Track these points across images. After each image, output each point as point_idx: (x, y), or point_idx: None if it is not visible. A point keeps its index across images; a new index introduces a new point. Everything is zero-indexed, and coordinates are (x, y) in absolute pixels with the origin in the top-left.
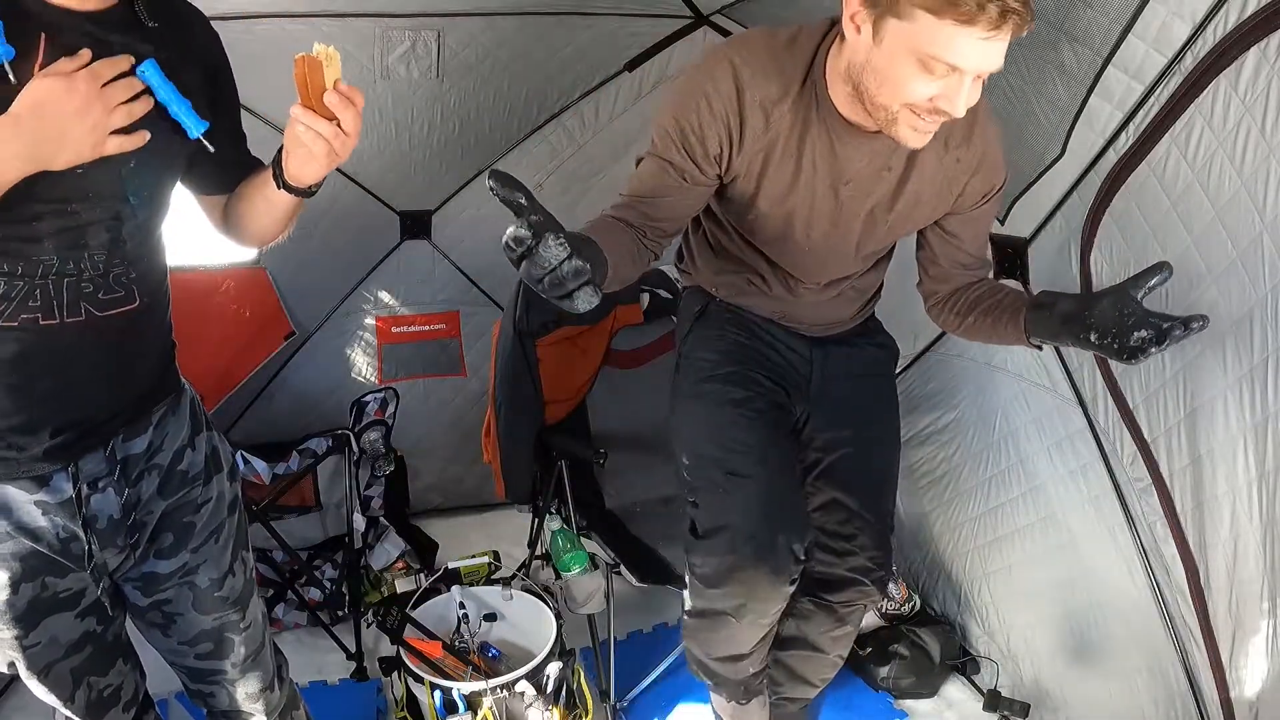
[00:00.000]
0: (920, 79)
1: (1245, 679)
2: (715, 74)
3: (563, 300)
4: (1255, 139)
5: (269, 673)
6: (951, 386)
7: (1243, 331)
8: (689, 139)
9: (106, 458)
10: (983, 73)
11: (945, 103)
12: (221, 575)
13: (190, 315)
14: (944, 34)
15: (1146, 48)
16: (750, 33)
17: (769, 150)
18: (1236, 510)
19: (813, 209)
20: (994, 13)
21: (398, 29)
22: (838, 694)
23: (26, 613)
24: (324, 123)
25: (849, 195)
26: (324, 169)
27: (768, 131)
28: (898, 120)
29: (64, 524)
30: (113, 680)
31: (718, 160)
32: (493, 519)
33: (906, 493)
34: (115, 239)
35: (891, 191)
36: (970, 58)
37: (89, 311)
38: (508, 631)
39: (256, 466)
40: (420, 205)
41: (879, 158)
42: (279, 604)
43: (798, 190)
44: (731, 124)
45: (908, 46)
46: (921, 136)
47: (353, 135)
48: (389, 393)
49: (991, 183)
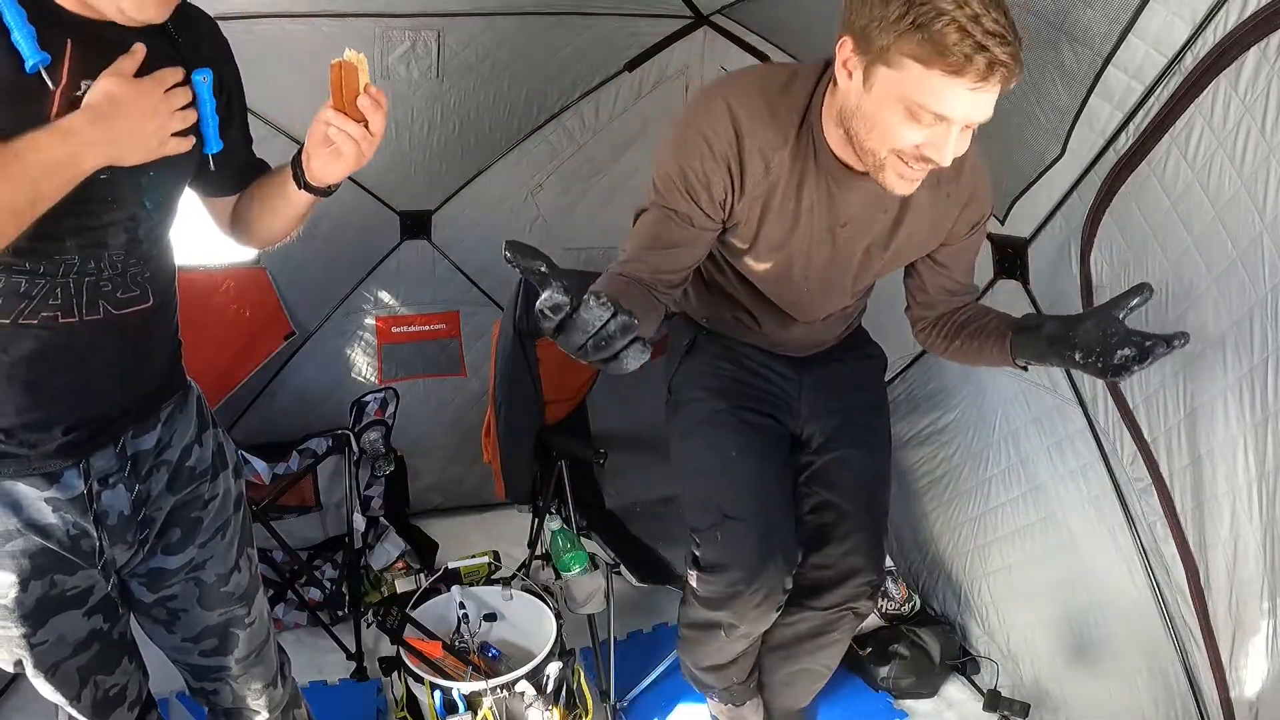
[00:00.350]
0: (908, 126)
1: (1245, 679)
2: (713, 118)
3: (610, 363)
4: (1255, 139)
5: (272, 669)
6: (951, 386)
7: (1243, 331)
8: (693, 184)
9: (117, 454)
10: (970, 123)
11: (932, 151)
12: (228, 571)
13: (191, 315)
14: (931, 84)
15: (1146, 48)
16: (744, 75)
17: (768, 197)
18: (1236, 510)
19: (810, 252)
20: (981, 64)
21: (398, 29)
22: (838, 694)
23: (35, 610)
24: (354, 125)
25: (846, 237)
26: (349, 169)
27: (767, 177)
28: (885, 166)
29: (74, 520)
30: (119, 679)
31: (722, 205)
32: (493, 519)
33: (906, 493)
34: (132, 239)
35: (887, 231)
36: (957, 108)
37: (106, 310)
38: (508, 631)
39: (256, 466)
40: (420, 205)
41: (875, 200)
42: (279, 604)
43: (796, 234)
44: (733, 168)
45: (896, 94)
46: (908, 184)
47: (378, 137)
48: (389, 393)
49: (981, 213)
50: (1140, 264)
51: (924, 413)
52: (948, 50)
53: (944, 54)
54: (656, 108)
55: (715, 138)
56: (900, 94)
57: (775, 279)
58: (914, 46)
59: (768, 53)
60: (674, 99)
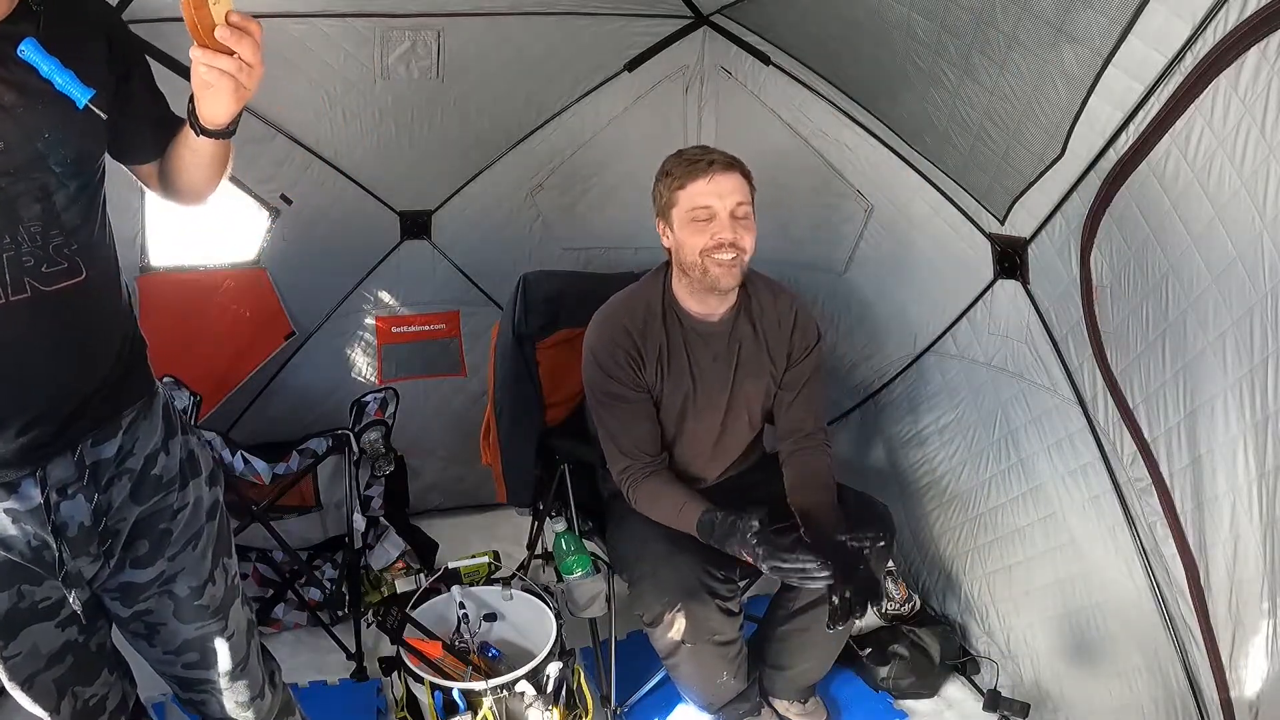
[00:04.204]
0: (698, 229)
1: (1245, 679)
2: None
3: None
4: (1255, 139)
5: (258, 681)
6: (951, 386)
7: (1243, 331)
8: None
9: (75, 463)
10: (728, 204)
11: (719, 233)
12: (201, 584)
13: (190, 315)
14: (689, 194)
15: (1146, 48)
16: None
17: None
18: (1236, 510)
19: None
20: (704, 165)
21: (398, 29)
22: (838, 694)
23: (4, 623)
24: (223, 58)
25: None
26: (234, 105)
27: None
28: (705, 267)
29: (35, 531)
30: (98, 690)
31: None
32: (493, 519)
33: (906, 493)
34: (48, 210)
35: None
36: (711, 197)
37: (34, 287)
38: (508, 631)
39: (256, 466)
40: (420, 205)
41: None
42: (279, 604)
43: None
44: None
45: (681, 218)
46: (727, 272)
47: (256, 65)
48: (389, 393)
49: (810, 338)
50: (1140, 264)
51: (924, 413)
52: (685, 174)
53: (684, 177)
54: (656, 108)
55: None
56: (681, 215)
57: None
58: (674, 188)
59: (768, 53)
60: (674, 99)
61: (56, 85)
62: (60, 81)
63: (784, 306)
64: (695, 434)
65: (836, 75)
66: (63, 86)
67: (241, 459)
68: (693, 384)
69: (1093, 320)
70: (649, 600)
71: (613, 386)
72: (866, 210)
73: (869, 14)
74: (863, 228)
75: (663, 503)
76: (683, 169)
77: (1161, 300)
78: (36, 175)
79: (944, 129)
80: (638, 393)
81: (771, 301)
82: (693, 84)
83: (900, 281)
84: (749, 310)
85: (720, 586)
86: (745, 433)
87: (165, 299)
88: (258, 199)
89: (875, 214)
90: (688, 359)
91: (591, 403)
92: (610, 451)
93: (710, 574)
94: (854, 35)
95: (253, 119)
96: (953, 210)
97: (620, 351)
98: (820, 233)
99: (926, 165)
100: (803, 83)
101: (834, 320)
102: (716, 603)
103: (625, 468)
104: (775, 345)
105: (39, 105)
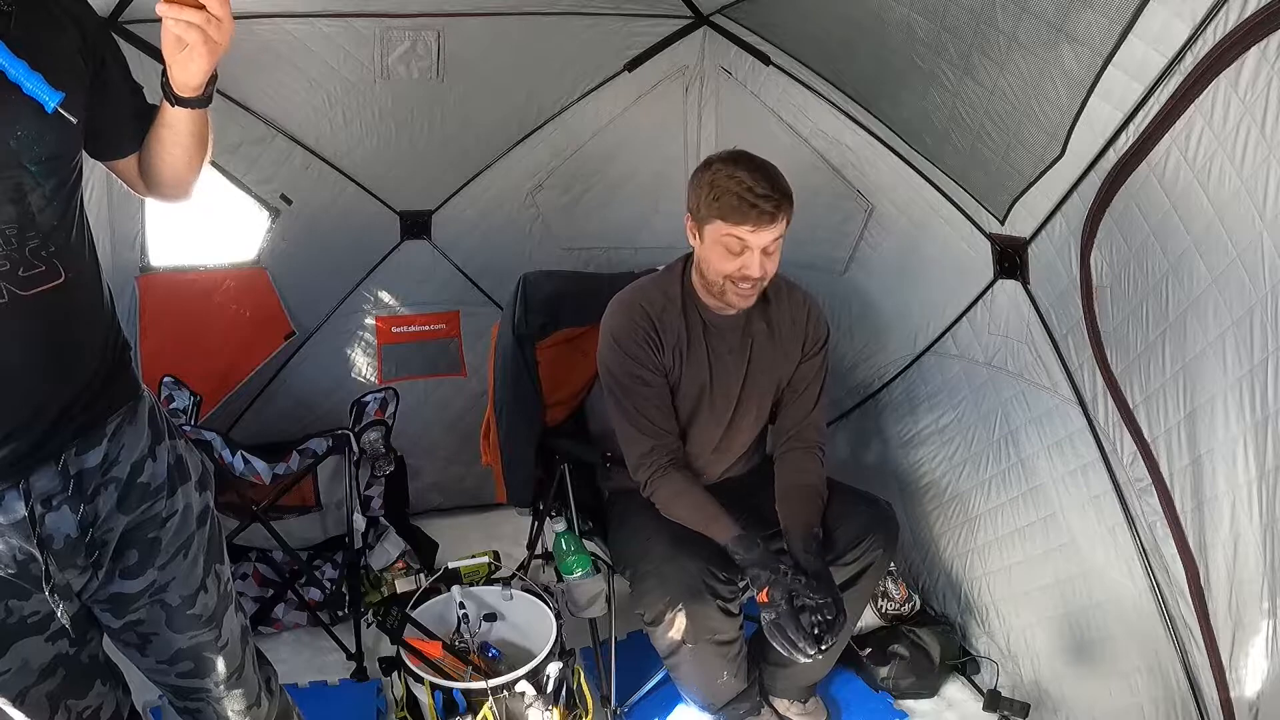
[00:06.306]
0: (727, 256)
1: (1245, 679)
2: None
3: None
4: (1255, 139)
5: (254, 689)
6: (951, 386)
7: (1243, 331)
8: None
9: (59, 473)
10: (763, 241)
11: (748, 269)
12: (192, 592)
13: (190, 315)
14: (729, 230)
15: (1146, 48)
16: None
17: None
18: (1236, 510)
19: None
20: (753, 216)
21: (398, 29)
22: (838, 694)
23: None
24: (191, 11)
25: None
26: (206, 64)
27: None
28: (724, 289)
29: (19, 545)
30: (91, 702)
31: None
32: (493, 519)
33: (906, 493)
34: (23, 211)
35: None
36: (750, 239)
37: (11, 292)
38: (508, 631)
39: (256, 466)
40: (420, 205)
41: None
42: (279, 604)
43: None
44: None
45: (712, 236)
46: (744, 299)
47: (225, 20)
48: (389, 393)
49: (821, 332)
50: (1140, 264)
51: (924, 413)
52: (731, 211)
53: (730, 214)
54: (656, 108)
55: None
56: (713, 235)
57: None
58: (714, 212)
59: (768, 53)
60: (674, 99)
61: (25, 90)
62: (29, 86)
63: (797, 302)
64: (705, 427)
65: (837, 75)
66: (31, 90)
67: (241, 459)
68: (710, 375)
69: (1093, 320)
70: (651, 599)
71: (633, 367)
72: (866, 210)
73: (869, 14)
74: (863, 228)
75: (685, 501)
76: (731, 203)
77: (1161, 300)
78: (10, 174)
79: (944, 129)
80: (656, 374)
81: (786, 296)
82: (693, 84)
83: (900, 281)
84: (764, 305)
85: (722, 587)
86: (751, 429)
87: (165, 299)
88: (258, 199)
89: (875, 214)
90: (707, 350)
91: (608, 388)
92: (628, 436)
93: (713, 574)
94: (854, 35)
95: (253, 119)
96: (953, 210)
97: (640, 331)
98: (820, 233)
99: (926, 165)
100: (803, 83)
101: (834, 320)
102: (718, 603)
103: (647, 451)
104: (789, 340)
105: (10, 102)
